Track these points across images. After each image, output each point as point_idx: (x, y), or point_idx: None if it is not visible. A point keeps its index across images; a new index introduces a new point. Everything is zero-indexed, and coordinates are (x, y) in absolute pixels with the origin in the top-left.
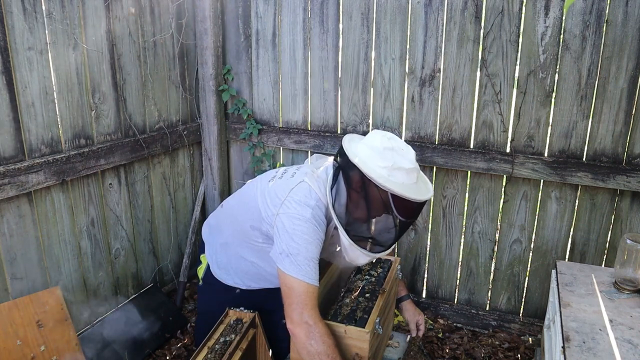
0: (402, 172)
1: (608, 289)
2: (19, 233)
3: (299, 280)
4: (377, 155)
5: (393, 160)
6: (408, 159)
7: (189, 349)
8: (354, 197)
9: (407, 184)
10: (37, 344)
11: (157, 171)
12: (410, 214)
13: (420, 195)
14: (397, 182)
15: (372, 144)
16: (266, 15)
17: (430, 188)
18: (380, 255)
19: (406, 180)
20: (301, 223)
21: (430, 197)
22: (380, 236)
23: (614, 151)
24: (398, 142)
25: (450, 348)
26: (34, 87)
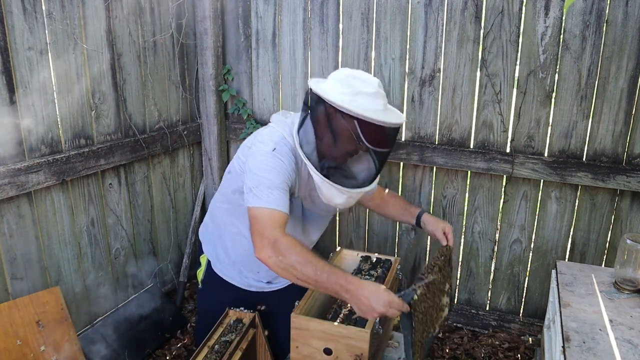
0: (364, 96)
1: (608, 289)
2: (19, 233)
3: (259, 207)
4: (338, 84)
5: (354, 85)
6: (370, 84)
7: (189, 349)
8: (320, 130)
9: (372, 109)
10: (37, 344)
11: (157, 171)
12: (379, 141)
13: (386, 118)
14: (360, 105)
15: (334, 76)
16: (266, 15)
17: (401, 115)
18: (357, 191)
19: (371, 105)
20: (263, 157)
21: (399, 123)
22: (351, 169)
23: (614, 151)
24: (361, 73)
25: (450, 348)
26: (34, 87)
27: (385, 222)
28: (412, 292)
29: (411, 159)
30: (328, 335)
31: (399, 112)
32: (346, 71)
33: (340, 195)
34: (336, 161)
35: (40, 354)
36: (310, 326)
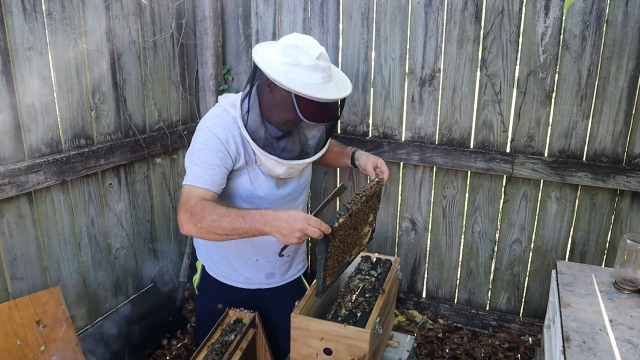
0: (302, 69)
1: (608, 289)
2: (19, 233)
3: (185, 185)
4: (280, 52)
5: (293, 56)
6: (309, 55)
7: (189, 349)
8: (259, 100)
9: (309, 82)
10: (37, 344)
11: (157, 171)
12: (316, 115)
13: (321, 94)
14: (295, 78)
15: (282, 42)
16: (266, 15)
17: (343, 89)
18: (295, 163)
19: (307, 79)
20: (198, 135)
21: (334, 98)
22: (291, 140)
23: (614, 151)
24: (305, 41)
25: (450, 348)
26: (34, 87)
27: (385, 222)
28: (335, 218)
29: (411, 159)
30: (328, 335)
31: (346, 83)
32: (292, 38)
33: (280, 167)
34: (274, 132)
35: (40, 354)
36: (310, 326)
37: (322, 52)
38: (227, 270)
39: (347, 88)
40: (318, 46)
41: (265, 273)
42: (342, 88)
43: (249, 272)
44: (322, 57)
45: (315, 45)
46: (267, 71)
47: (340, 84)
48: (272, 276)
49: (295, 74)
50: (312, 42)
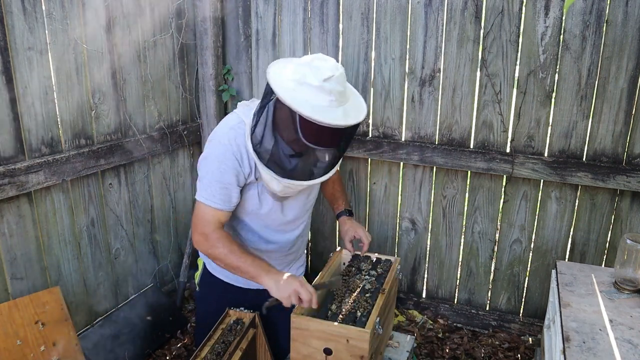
0: (308, 88)
1: (608, 289)
2: (19, 233)
3: (201, 202)
4: (293, 68)
5: (303, 74)
6: (317, 76)
7: (189, 349)
8: (266, 113)
9: (313, 103)
10: (37, 344)
11: (157, 171)
12: (318, 140)
13: (320, 116)
14: (298, 97)
15: (300, 59)
16: (266, 15)
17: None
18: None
19: (312, 99)
20: (215, 147)
21: (336, 125)
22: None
23: (614, 151)
24: (322, 61)
25: (450, 348)
26: (34, 87)
27: (385, 222)
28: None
29: (411, 159)
30: (328, 335)
31: (359, 111)
32: (311, 56)
33: (277, 184)
34: (286, 150)
35: (40, 354)
36: (310, 326)
37: (336, 75)
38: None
39: (357, 116)
40: (334, 68)
41: None
42: (350, 115)
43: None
44: (334, 79)
45: (330, 67)
46: (274, 86)
47: (351, 111)
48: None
49: (300, 92)
50: (329, 63)
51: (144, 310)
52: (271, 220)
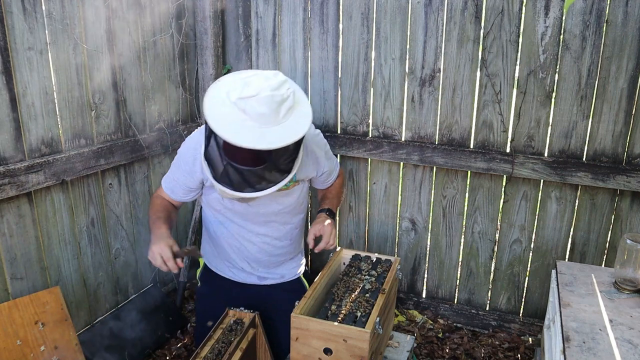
0: (229, 104)
1: (608, 289)
2: (19, 233)
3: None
4: (232, 79)
5: (233, 87)
6: (239, 93)
7: (189, 349)
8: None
9: (229, 119)
10: (37, 344)
11: (157, 171)
12: (231, 156)
13: (230, 135)
14: (217, 111)
15: (248, 72)
16: (266, 15)
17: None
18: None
19: (230, 115)
20: (184, 144)
21: (247, 146)
22: (227, 172)
23: (614, 151)
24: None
25: (450, 348)
26: (34, 87)
27: (385, 222)
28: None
29: (411, 159)
30: (328, 335)
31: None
32: (258, 72)
33: (225, 192)
34: (213, 157)
35: (40, 354)
36: (310, 326)
37: (260, 96)
38: (219, 263)
39: (275, 142)
40: (263, 88)
41: (256, 276)
42: (267, 139)
43: (240, 273)
44: (254, 100)
45: (259, 87)
46: (205, 95)
47: (273, 135)
48: (264, 279)
49: (222, 106)
50: (266, 82)
51: (144, 310)
52: (240, 216)
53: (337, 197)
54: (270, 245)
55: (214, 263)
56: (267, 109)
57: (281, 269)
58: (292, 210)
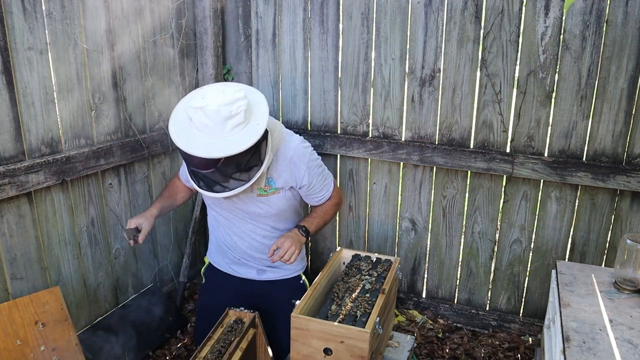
0: (189, 111)
1: (608, 289)
2: (19, 233)
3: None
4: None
5: (194, 95)
6: (193, 104)
7: (189, 349)
8: None
9: (185, 127)
10: (37, 344)
11: (157, 171)
12: (187, 157)
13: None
14: (178, 118)
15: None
16: (266, 15)
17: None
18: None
19: (186, 123)
20: None
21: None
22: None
23: (614, 151)
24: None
25: (450, 348)
26: (34, 87)
27: (385, 222)
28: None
29: (411, 159)
30: (328, 335)
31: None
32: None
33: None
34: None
35: (40, 354)
36: (310, 326)
37: (208, 108)
38: (225, 263)
39: (213, 152)
40: (212, 102)
41: (255, 269)
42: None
43: (240, 268)
44: (201, 111)
45: (209, 99)
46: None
47: (213, 146)
48: (262, 272)
49: (180, 111)
50: (219, 97)
51: (144, 310)
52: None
53: (321, 217)
54: (258, 242)
55: (216, 259)
56: (211, 122)
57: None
58: (277, 216)
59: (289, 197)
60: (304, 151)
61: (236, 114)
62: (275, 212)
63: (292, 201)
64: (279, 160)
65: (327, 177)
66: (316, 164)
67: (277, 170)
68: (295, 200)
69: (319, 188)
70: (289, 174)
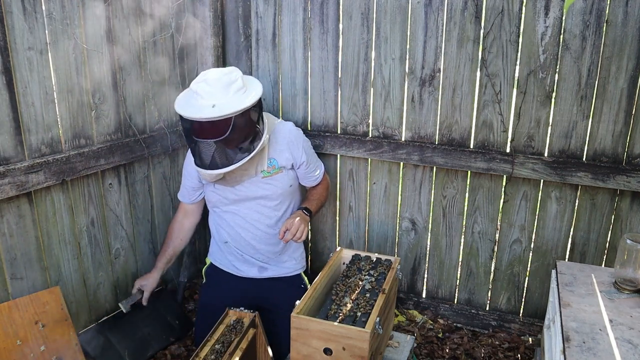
0: (189, 91)
1: (608, 289)
2: (19, 233)
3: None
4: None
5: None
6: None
7: (189, 349)
8: None
9: (186, 101)
10: (37, 344)
11: (157, 171)
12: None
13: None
14: (181, 99)
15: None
16: (266, 15)
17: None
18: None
19: (188, 98)
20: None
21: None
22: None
23: (614, 151)
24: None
25: (450, 348)
26: (34, 87)
27: (385, 222)
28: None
29: (411, 159)
30: (328, 335)
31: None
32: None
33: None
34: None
35: (40, 354)
36: (310, 326)
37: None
38: (227, 262)
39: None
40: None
41: (257, 267)
42: (213, 110)
43: (241, 265)
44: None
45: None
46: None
47: (226, 104)
48: (264, 270)
49: (185, 93)
50: (218, 71)
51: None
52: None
53: (318, 200)
54: (262, 232)
55: (218, 259)
56: (214, 89)
57: (280, 259)
58: (282, 196)
59: (292, 177)
60: (298, 132)
61: (235, 80)
62: (280, 191)
63: (295, 182)
64: (277, 140)
65: (317, 158)
66: (309, 144)
67: (277, 149)
68: (296, 182)
69: (314, 167)
70: (288, 152)
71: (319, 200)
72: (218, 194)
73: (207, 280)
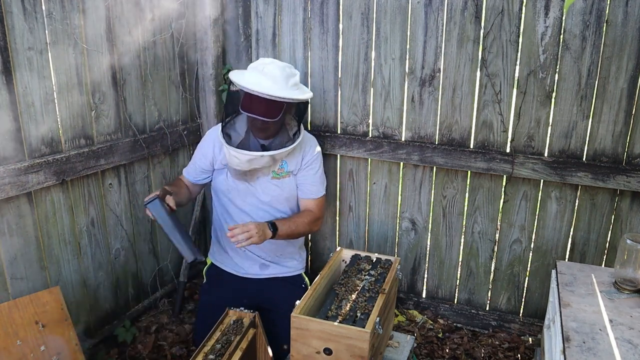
0: (250, 70)
1: (608, 289)
2: (19, 233)
3: None
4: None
5: (255, 63)
6: (260, 61)
7: (189, 349)
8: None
9: (245, 78)
10: (37, 344)
11: (157, 171)
12: (250, 107)
13: (243, 81)
14: (237, 74)
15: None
16: (266, 15)
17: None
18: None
19: (247, 76)
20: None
21: (254, 90)
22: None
23: (614, 151)
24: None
25: (450, 348)
26: (34, 87)
27: (385, 222)
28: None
29: (411, 159)
30: (328, 335)
31: (278, 90)
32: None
33: (230, 156)
34: (231, 123)
35: (40, 354)
36: (310, 326)
37: (276, 63)
38: (228, 260)
39: (290, 95)
40: (276, 61)
41: (258, 264)
42: (273, 88)
43: (243, 262)
44: (269, 63)
45: (275, 60)
46: (231, 73)
47: (286, 92)
48: (265, 267)
49: (242, 73)
50: (280, 62)
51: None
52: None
53: (294, 224)
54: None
55: (219, 258)
56: (279, 73)
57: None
58: (287, 200)
59: (295, 185)
60: (316, 148)
61: (294, 74)
62: (286, 195)
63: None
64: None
65: (323, 177)
66: (319, 150)
67: (291, 154)
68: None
69: (312, 176)
70: (300, 156)
71: (295, 224)
72: (228, 184)
73: (207, 280)
